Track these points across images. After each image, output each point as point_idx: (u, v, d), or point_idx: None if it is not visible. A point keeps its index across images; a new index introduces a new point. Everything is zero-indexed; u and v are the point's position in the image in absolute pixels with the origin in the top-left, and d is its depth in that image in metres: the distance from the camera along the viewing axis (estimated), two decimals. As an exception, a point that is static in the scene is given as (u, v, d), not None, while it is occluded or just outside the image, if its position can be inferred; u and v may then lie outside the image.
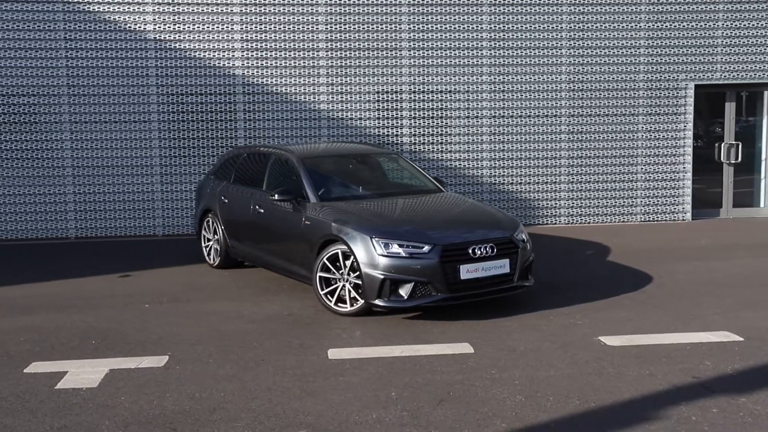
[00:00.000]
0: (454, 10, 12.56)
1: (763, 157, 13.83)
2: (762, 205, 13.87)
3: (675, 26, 12.94)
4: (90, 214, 12.33)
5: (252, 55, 12.31)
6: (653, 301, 7.85)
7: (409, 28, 12.51)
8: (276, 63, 12.36)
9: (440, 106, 12.75)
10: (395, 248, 7.05)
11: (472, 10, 12.59)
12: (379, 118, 12.64)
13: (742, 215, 13.68)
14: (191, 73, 12.25)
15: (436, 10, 12.53)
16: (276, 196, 8.16)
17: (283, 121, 12.48)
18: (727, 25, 13.03)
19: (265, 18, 12.28)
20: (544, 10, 12.71)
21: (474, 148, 12.82)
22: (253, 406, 5.19)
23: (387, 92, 12.63)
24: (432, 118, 12.75)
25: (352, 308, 7.34)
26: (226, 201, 9.42)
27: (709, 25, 13.00)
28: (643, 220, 13.21)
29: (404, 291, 7.02)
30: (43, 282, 9.17)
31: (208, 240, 9.92)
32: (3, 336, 6.91)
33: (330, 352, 6.34)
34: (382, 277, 7.00)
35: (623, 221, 13.15)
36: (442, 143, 12.78)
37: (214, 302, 8.11)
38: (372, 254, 7.07)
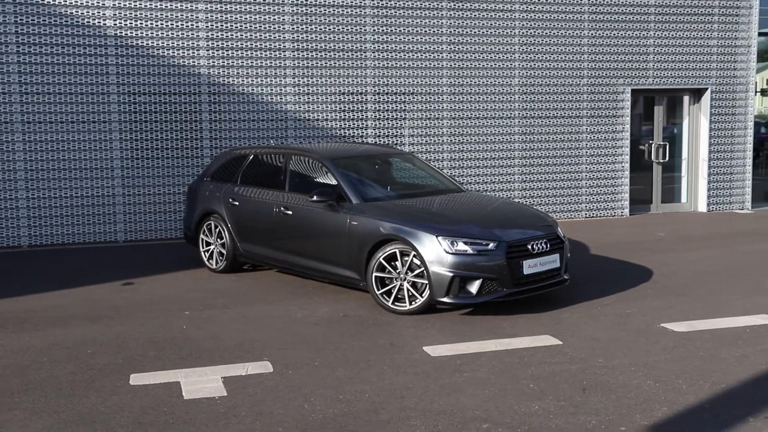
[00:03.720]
0: (416, 14, 12.81)
1: (684, 156, 15.01)
2: (684, 200, 15.05)
3: (613, 34, 13.82)
4: (45, 220, 11.60)
5: (217, 54, 12.01)
6: (673, 290, 8.43)
7: (373, 30, 12.63)
8: (242, 63, 12.13)
9: (403, 108, 12.97)
10: (461, 246, 7.21)
11: (433, 14, 12.89)
12: (344, 119, 12.68)
13: (669, 210, 14.80)
14: (154, 72, 11.79)
15: (399, 13, 12.72)
16: (315, 197, 8.10)
17: (250, 122, 12.27)
18: (657, 35, 14.07)
19: (230, 16, 12.01)
20: (498, 15, 13.20)
21: (435, 148, 13.13)
22: (410, 405, 5.22)
23: (352, 93, 12.69)
24: (395, 119, 12.94)
25: (411, 306, 7.43)
26: (236, 203, 9.20)
27: (642, 34, 13.99)
28: (587, 216, 14.00)
29: (473, 288, 7.19)
30: (43, 293, 8.61)
31: (208, 244, 9.64)
32: (65, 350, 6.49)
33: (427, 349, 6.43)
34: (451, 274, 7.14)
35: (570, 217, 13.88)
36: (405, 144, 12.99)
37: (254, 306, 7.94)
38: (439, 252, 7.20)
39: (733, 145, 14.80)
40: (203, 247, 9.70)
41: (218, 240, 9.48)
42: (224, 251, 9.38)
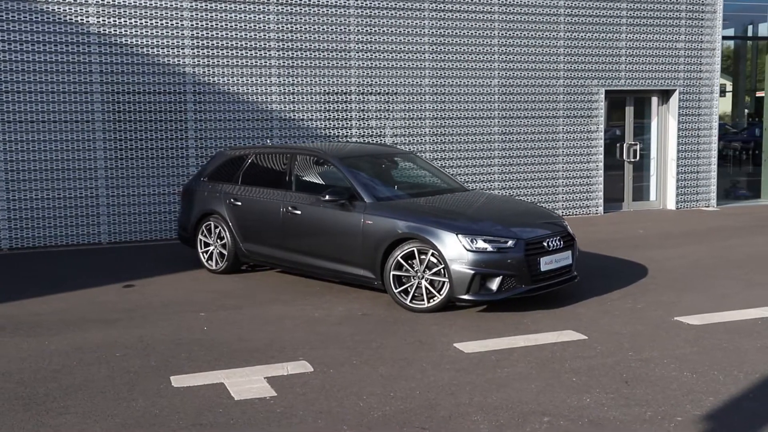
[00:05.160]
0: (399, 15, 12.88)
1: (653, 155, 15.43)
2: (653, 198, 15.47)
3: (588, 37, 14.13)
4: (26, 222, 11.30)
5: (202, 53, 11.88)
6: (673, 285, 8.68)
7: (357, 31, 12.65)
8: (227, 62, 12.02)
9: (386, 108, 13.02)
10: (481, 244, 7.30)
11: (415, 15, 12.98)
12: (329, 119, 12.67)
13: (639, 208, 15.19)
14: (138, 71, 11.60)
15: (382, 14, 12.77)
16: (327, 197, 8.09)
17: (235, 122, 12.16)
18: (629, 38, 14.44)
19: (215, 15, 11.89)
20: (478, 17, 13.37)
21: (417, 148, 13.21)
22: (464, 401, 5.29)
23: (336, 93, 12.69)
24: (379, 119, 12.99)
25: (430, 304, 7.49)
26: (239, 203, 9.12)
27: (615, 37, 14.33)
28: (563, 214, 14.26)
29: (494, 285, 7.29)
30: (42, 296, 8.40)
31: (207, 245, 9.54)
32: (92, 354, 6.37)
33: (458, 346, 6.50)
34: (472, 272, 7.23)
35: (547, 216, 14.11)
36: (387, 144, 13.04)
37: (268, 307, 7.90)
38: (459, 250, 7.28)
39: (699, 144, 15.26)
40: (202, 248, 9.58)
41: (218, 241, 9.38)
42: (225, 252, 9.29)
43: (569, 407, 5.15)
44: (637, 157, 15.06)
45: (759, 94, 20.22)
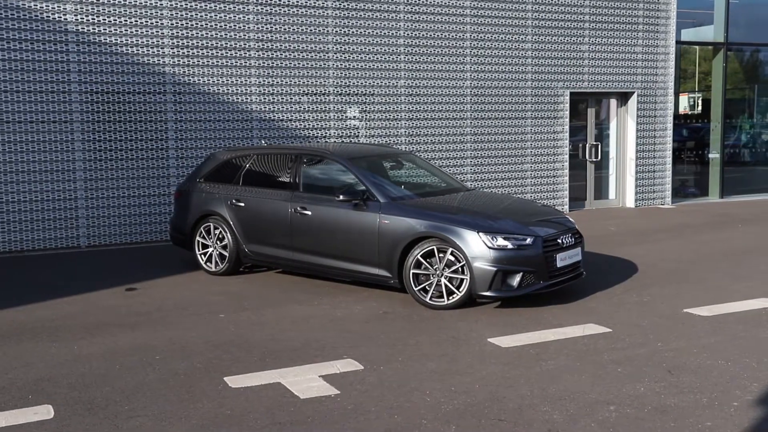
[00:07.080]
0: (375, 16, 12.98)
1: (612, 156, 15.95)
2: (612, 196, 15.99)
3: (553, 40, 14.53)
4: (2, 225, 10.92)
5: (182, 53, 11.72)
6: (668, 279, 9.04)
7: (335, 32, 12.70)
8: (206, 62, 11.89)
9: (364, 108, 13.10)
10: (501, 241, 7.48)
11: (391, 17, 13.11)
12: (307, 120, 12.68)
13: (601, 206, 15.69)
14: (117, 70, 11.37)
15: (360, 15, 12.85)
16: (341, 197, 8.14)
17: (215, 122, 12.04)
18: (591, 41, 14.90)
19: (195, 14, 11.75)
20: (451, 20, 13.59)
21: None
22: (525, 393, 5.44)
23: (315, 94, 12.71)
24: (356, 119, 13.06)
25: (449, 301, 7.63)
26: (241, 204, 9.07)
27: (578, 41, 14.78)
28: (531, 213, 14.61)
29: (514, 281, 7.47)
30: (45, 302, 8.19)
31: (205, 246, 9.44)
32: (131, 357, 6.27)
33: (493, 341, 6.65)
34: (494, 269, 7.40)
35: (516, 215, 14.44)
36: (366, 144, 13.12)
37: (287, 307, 7.89)
38: (481, 248, 7.44)
39: (655, 144, 15.86)
40: (200, 250, 9.48)
41: (218, 243, 9.29)
42: (225, 253, 9.22)
43: (628, 396, 5.36)
44: (599, 157, 15.55)
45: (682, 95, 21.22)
